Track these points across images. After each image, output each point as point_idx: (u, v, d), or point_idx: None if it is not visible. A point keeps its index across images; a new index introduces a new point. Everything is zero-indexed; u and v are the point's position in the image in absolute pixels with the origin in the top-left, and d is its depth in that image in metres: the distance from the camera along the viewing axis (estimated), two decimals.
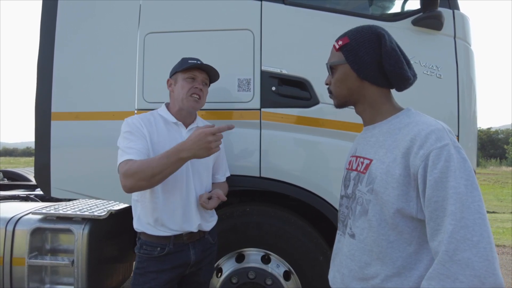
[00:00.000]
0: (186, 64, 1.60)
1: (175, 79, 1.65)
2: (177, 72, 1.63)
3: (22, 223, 2.16)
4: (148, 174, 1.34)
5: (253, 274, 2.00)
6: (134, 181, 1.36)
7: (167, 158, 1.34)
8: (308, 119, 1.96)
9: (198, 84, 1.62)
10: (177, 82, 1.63)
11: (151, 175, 1.34)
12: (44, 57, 2.18)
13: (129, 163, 1.38)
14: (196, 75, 1.63)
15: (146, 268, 1.55)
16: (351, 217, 1.04)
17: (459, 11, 1.91)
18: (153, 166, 1.33)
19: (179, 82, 1.62)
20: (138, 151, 1.43)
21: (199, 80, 1.63)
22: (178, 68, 1.63)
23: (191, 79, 1.61)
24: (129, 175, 1.36)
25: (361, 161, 1.05)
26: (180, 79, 1.62)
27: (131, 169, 1.35)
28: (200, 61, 1.63)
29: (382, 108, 1.06)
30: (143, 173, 1.34)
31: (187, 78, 1.61)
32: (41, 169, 2.16)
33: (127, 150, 1.44)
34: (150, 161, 1.36)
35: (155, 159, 1.37)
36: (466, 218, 0.77)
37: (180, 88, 1.61)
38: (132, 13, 2.10)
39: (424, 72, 1.86)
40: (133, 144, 1.46)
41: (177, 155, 1.33)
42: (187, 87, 1.60)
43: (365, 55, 1.00)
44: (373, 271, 0.95)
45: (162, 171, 1.34)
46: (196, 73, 1.63)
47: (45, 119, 2.15)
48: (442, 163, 0.82)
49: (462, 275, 0.75)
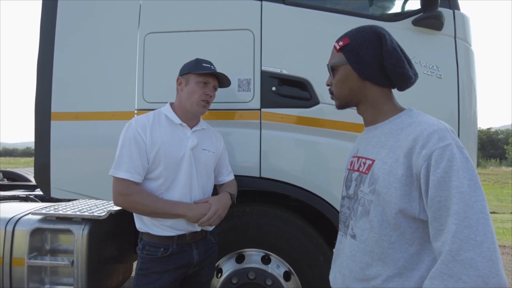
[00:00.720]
0: (202, 69, 1.60)
1: (186, 79, 1.63)
2: (190, 73, 1.62)
3: (21, 223, 2.15)
4: (148, 210, 1.52)
5: (253, 275, 2.00)
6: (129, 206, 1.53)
7: (171, 209, 1.52)
8: (308, 119, 1.95)
9: (209, 90, 1.63)
10: (189, 83, 1.62)
11: (150, 212, 1.52)
12: (44, 57, 2.17)
13: (131, 188, 1.49)
14: (209, 81, 1.63)
15: (149, 269, 1.55)
16: (352, 218, 1.04)
17: (460, 11, 1.91)
18: (156, 207, 1.50)
19: (190, 84, 1.61)
20: (134, 170, 1.50)
21: (211, 86, 1.64)
22: (193, 69, 1.61)
23: (203, 84, 1.61)
24: (129, 201, 1.50)
25: (363, 162, 1.05)
26: (193, 82, 1.61)
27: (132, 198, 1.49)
28: (213, 66, 1.64)
29: (384, 108, 1.05)
30: (143, 207, 1.51)
31: (200, 83, 1.61)
32: (40, 169, 2.16)
33: (125, 166, 1.49)
34: (154, 201, 1.51)
35: (159, 202, 1.52)
36: (469, 218, 0.77)
37: (191, 91, 1.60)
38: (132, 13, 2.10)
39: (425, 72, 1.85)
40: (131, 159, 1.49)
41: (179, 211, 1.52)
42: (199, 92, 1.60)
43: (366, 55, 1.00)
44: (374, 271, 0.95)
45: (162, 214, 1.52)
46: (209, 79, 1.63)
47: (45, 119, 2.14)
48: (445, 163, 0.82)
49: (466, 275, 0.75)
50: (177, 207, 1.52)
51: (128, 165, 1.48)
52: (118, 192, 1.50)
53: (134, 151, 1.50)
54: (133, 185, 1.49)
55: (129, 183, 1.49)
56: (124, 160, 1.49)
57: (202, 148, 1.65)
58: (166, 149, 1.53)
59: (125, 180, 1.48)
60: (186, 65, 1.66)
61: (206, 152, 1.67)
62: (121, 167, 1.49)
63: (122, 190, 1.49)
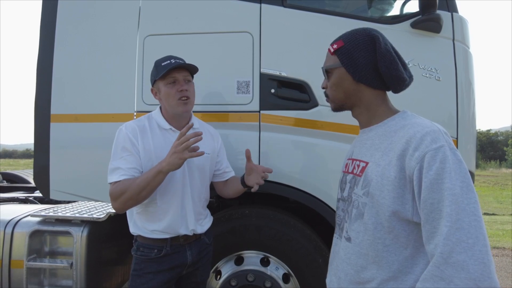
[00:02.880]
0: (161, 70, 1.51)
1: (157, 88, 1.58)
2: (156, 81, 1.56)
3: (21, 225, 2.15)
4: (134, 191, 1.40)
5: (252, 277, 2.00)
6: (122, 201, 1.43)
7: (148, 173, 1.41)
8: (307, 121, 1.96)
9: (181, 86, 1.53)
10: (161, 90, 1.56)
11: (137, 192, 1.40)
12: (43, 58, 2.18)
13: (114, 185, 1.45)
14: (176, 77, 1.53)
15: (143, 269, 1.56)
16: (347, 220, 1.04)
17: (458, 13, 1.91)
18: (137, 183, 1.40)
19: (162, 90, 1.55)
20: (125, 172, 1.46)
21: (181, 81, 1.54)
22: (155, 76, 1.54)
23: (172, 84, 1.53)
24: (116, 197, 1.43)
25: (357, 164, 1.05)
26: (162, 87, 1.54)
27: (116, 191, 1.42)
28: (173, 59, 1.54)
29: (378, 111, 1.06)
30: (129, 192, 1.40)
31: (168, 84, 1.53)
32: (40, 171, 2.16)
33: (116, 171, 1.47)
34: (134, 179, 1.43)
35: (138, 178, 1.43)
36: (461, 220, 0.77)
37: (166, 95, 1.54)
38: (132, 15, 2.10)
39: (423, 74, 1.86)
40: (122, 163, 1.47)
41: (156, 168, 1.40)
42: (172, 93, 1.52)
43: (359, 57, 1.01)
44: (369, 275, 0.95)
45: (146, 186, 1.40)
46: (175, 75, 1.53)
47: (45, 121, 2.15)
48: (438, 165, 0.82)
49: (457, 277, 0.75)
50: (153, 168, 1.41)
51: (121, 169, 1.46)
52: (111, 198, 1.47)
53: (126, 156, 1.48)
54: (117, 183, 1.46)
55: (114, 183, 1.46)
56: (117, 165, 1.47)
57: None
58: (158, 155, 1.50)
59: (112, 183, 1.46)
60: (151, 74, 1.61)
61: None
62: (114, 173, 1.47)
63: (110, 193, 1.46)
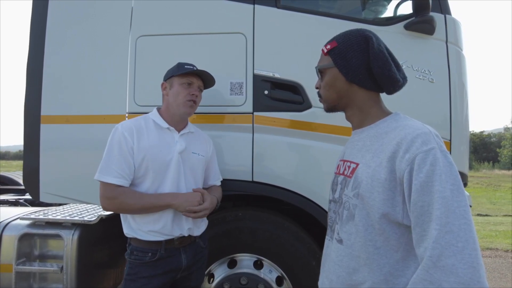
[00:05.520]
0: (183, 69, 1.60)
1: (170, 83, 1.64)
2: (173, 76, 1.62)
3: (10, 228, 2.11)
4: (136, 208, 1.50)
5: (245, 280, 1.98)
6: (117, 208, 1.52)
7: (157, 201, 1.51)
8: (300, 123, 1.95)
9: (194, 90, 1.62)
10: (173, 86, 1.62)
11: (138, 209, 1.51)
12: (34, 58, 2.14)
13: (116, 190, 1.48)
14: (192, 81, 1.62)
15: (137, 274, 1.54)
16: (338, 222, 1.03)
17: (451, 16, 1.92)
18: (143, 203, 1.49)
19: (174, 87, 1.61)
20: (120, 174, 1.49)
21: (195, 86, 1.63)
22: (175, 72, 1.61)
23: (187, 85, 1.61)
24: (115, 203, 1.50)
25: (348, 165, 1.04)
26: (176, 84, 1.61)
27: (113, 194, 1.48)
28: (196, 67, 1.63)
29: (370, 112, 1.05)
30: (131, 206, 1.50)
31: (184, 84, 1.60)
32: (29, 173, 2.12)
33: (111, 170, 1.49)
34: (140, 198, 1.50)
35: (145, 197, 1.51)
36: (451, 223, 0.76)
37: (175, 93, 1.60)
38: (124, 16, 2.08)
39: (417, 76, 1.86)
40: (116, 164, 1.49)
41: (169, 203, 1.51)
42: (184, 93, 1.59)
43: (352, 58, 1.00)
44: (360, 277, 0.94)
45: (150, 208, 1.51)
46: (193, 79, 1.63)
47: (35, 122, 2.11)
48: (428, 167, 0.81)
49: (446, 281, 0.74)
50: (163, 197, 1.52)
51: (114, 170, 1.48)
52: (104, 196, 1.50)
53: (120, 155, 1.50)
54: (118, 188, 1.49)
55: (115, 187, 1.48)
56: (110, 164, 1.49)
57: (191, 152, 1.64)
58: (153, 153, 1.53)
59: (111, 184, 1.48)
60: (169, 70, 1.67)
61: (195, 155, 1.66)
62: (107, 172, 1.49)
63: (108, 194, 1.49)
